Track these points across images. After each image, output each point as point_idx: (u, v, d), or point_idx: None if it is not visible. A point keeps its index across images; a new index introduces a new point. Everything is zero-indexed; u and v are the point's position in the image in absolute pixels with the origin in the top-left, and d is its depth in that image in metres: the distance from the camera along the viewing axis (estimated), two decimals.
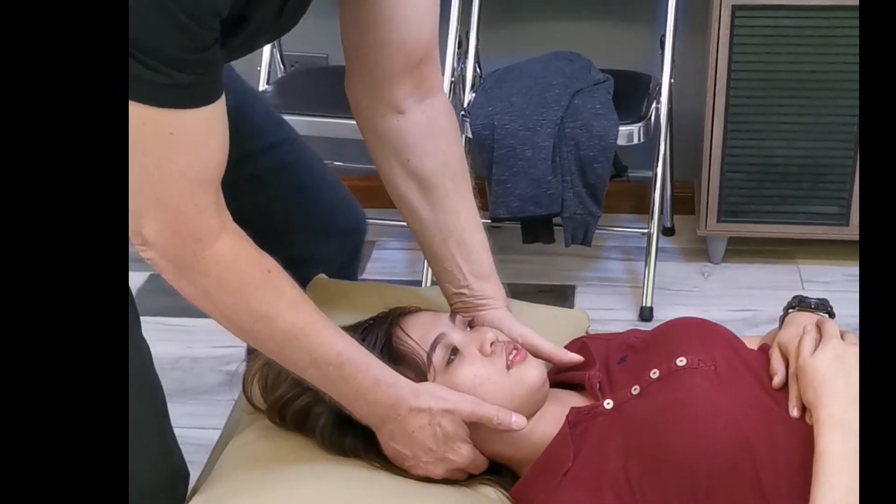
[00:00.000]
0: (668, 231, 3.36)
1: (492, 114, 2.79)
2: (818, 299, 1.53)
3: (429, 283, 2.99)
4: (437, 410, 1.38)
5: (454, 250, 1.57)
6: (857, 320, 1.04)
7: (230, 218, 1.31)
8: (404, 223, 1.72)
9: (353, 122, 2.77)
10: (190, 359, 2.63)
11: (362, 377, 1.35)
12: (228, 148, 1.29)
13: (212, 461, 1.60)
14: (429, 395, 1.39)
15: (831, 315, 1.51)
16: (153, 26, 1.11)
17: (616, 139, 2.76)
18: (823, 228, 3.03)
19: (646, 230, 3.04)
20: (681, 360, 1.42)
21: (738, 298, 3.04)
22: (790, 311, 1.53)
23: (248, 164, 1.76)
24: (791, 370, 1.39)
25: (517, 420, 1.40)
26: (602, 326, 2.28)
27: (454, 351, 1.43)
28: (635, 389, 1.43)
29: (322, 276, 1.83)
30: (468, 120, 2.84)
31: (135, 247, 1.24)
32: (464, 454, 1.42)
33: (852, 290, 2.90)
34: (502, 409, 1.40)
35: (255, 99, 1.86)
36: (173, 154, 1.20)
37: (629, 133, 2.82)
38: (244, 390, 1.53)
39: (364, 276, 3.18)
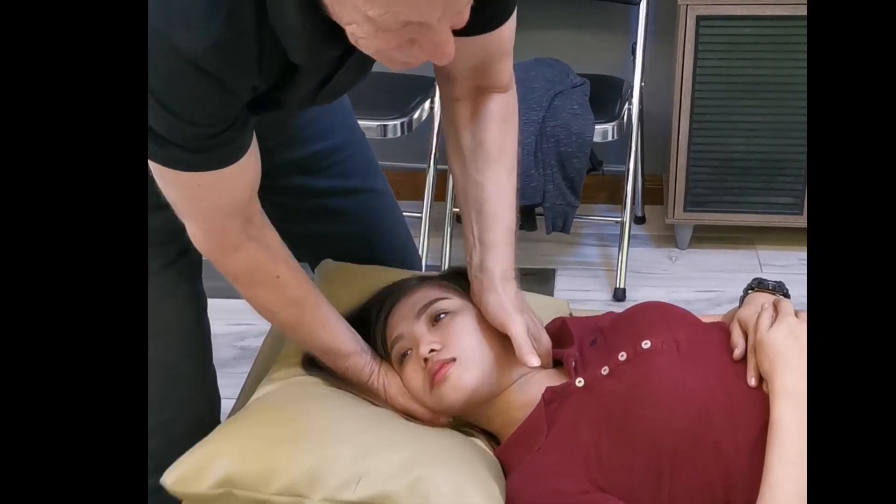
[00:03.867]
0: (639, 220, 3.35)
1: None
2: (775, 281, 1.53)
3: (424, 267, 2.98)
4: (382, 396, 1.50)
5: (473, 217, 1.52)
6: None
7: (259, 222, 1.39)
8: (407, 213, 1.74)
9: (363, 122, 2.78)
10: None
11: (338, 363, 1.50)
12: (259, 178, 1.36)
13: None
14: (379, 382, 1.50)
15: (787, 296, 1.51)
16: (156, 118, 1.15)
17: (592, 136, 2.77)
18: (780, 217, 3.03)
19: (619, 219, 3.04)
20: (646, 343, 1.42)
21: (703, 280, 3.04)
22: (750, 291, 1.53)
23: (332, 198, 1.79)
24: (750, 344, 1.39)
25: (443, 421, 1.48)
26: (580, 306, 2.27)
27: (409, 350, 1.47)
28: (605, 370, 1.42)
29: (328, 260, 1.82)
30: None
31: None
32: (421, 418, 1.49)
33: (806, 273, 2.91)
34: (429, 413, 1.47)
35: (360, 142, 1.83)
36: (201, 197, 1.29)
37: (604, 131, 2.83)
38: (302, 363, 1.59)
39: None
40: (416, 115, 2.93)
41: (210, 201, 1.30)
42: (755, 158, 2.97)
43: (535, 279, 3.04)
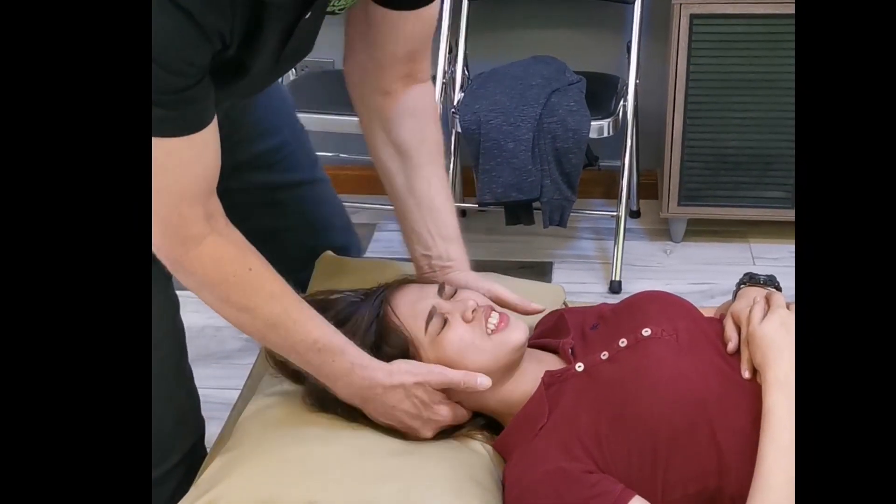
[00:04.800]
0: (634, 214, 3.35)
1: (478, 111, 2.78)
2: (766, 275, 1.53)
3: None
4: (410, 384, 1.37)
5: (425, 214, 1.53)
6: None
7: (222, 221, 1.31)
8: None
9: (357, 118, 2.80)
10: (213, 327, 2.63)
11: (339, 362, 1.35)
12: (220, 165, 1.29)
13: (232, 417, 1.60)
14: (400, 372, 1.37)
15: (778, 289, 1.51)
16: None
17: (588, 133, 2.76)
18: (772, 211, 3.03)
19: (615, 213, 3.03)
20: (646, 331, 1.42)
21: (697, 273, 3.04)
22: (742, 285, 1.53)
23: (286, 191, 1.78)
24: (743, 337, 1.39)
25: (482, 381, 1.38)
26: (577, 298, 2.27)
27: (444, 321, 1.41)
28: (604, 355, 1.42)
29: (329, 252, 1.82)
30: (458, 116, 2.83)
31: None
32: (444, 413, 1.41)
33: None
34: (468, 374, 1.38)
35: (301, 136, 1.83)
36: (157, 174, 1.14)
37: (600, 127, 2.82)
38: (266, 355, 1.52)
39: (366, 255, 3.18)
40: None
41: (170, 179, 1.20)
42: (747, 154, 2.96)
43: (533, 271, 3.05)
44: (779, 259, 3.05)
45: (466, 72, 3.14)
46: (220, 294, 1.31)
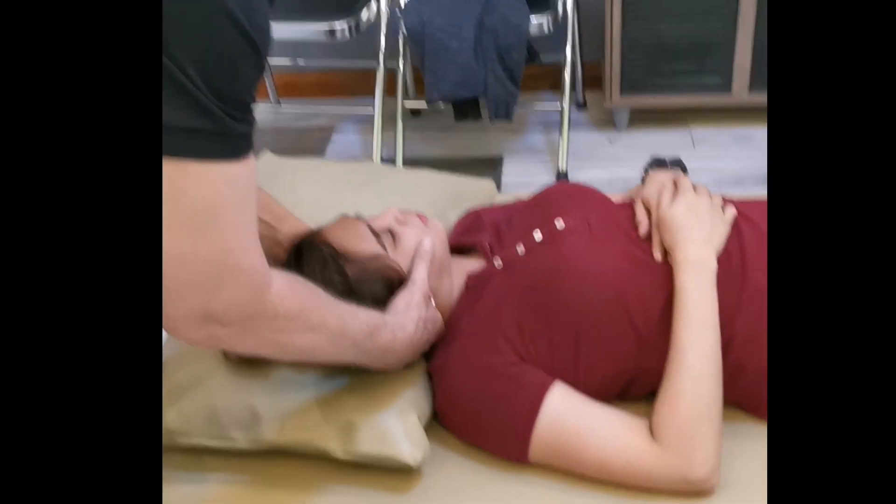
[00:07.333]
0: (581, 105, 3.33)
1: (422, 12, 2.74)
2: (672, 158, 1.52)
3: (379, 160, 2.97)
4: (418, 317, 1.32)
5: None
6: (742, 175, 1.02)
7: None
8: (359, 111, 1.66)
9: (311, 25, 2.75)
10: None
11: (383, 333, 1.25)
12: None
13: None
14: (403, 314, 1.30)
15: (685, 170, 1.50)
16: (240, 65, 0.91)
17: (528, 28, 2.72)
18: (710, 97, 3.01)
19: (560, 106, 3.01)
20: (559, 223, 1.41)
21: (641, 160, 2.97)
22: (649, 170, 1.52)
23: None
24: (653, 220, 1.39)
25: (425, 244, 1.35)
26: (525, 189, 2.26)
27: (390, 232, 1.38)
28: (520, 249, 1.42)
29: (268, 152, 1.80)
30: (402, 18, 2.79)
31: (178, 335, 0.99)
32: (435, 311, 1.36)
33: (736, 149, 2.90)
34: (417, 255, 1.35)
35: None
36: (250, 208, 0.97)
37: (539, 24, 2.78)
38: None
39: (325, 157, 3.16)
40: (364, 18, 2.88)
41: (253, 214, 0.98)
42: (685, 42, 2.93)
43: (485, 166, 3.03)
44: (719, 144, 3.03)
45: None
46: (304, 322, 1.09)
